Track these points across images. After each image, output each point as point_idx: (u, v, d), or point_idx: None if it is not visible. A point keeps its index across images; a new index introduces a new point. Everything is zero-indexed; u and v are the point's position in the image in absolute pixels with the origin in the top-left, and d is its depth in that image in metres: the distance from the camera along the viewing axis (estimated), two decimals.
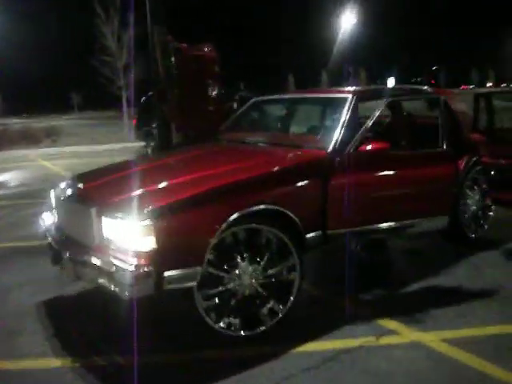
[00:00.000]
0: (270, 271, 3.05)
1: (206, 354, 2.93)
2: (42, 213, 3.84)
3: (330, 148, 3.38)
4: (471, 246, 4.50)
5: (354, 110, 3.57)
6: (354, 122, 3.55)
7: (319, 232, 3.27)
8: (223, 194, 2.85)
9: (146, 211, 2.61)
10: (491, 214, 4.73)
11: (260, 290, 3.02)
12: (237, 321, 2.98)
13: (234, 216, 2.80)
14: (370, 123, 3.50)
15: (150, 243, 2.59)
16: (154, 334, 3.13)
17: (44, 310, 3.65)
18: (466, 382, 2.58)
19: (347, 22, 37.64)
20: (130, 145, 15.63)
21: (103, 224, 2.82)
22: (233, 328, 2.97)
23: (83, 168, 4.43)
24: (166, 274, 2.63)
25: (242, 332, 2.96)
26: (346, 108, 3.57)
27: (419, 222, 3.85)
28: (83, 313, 3.58)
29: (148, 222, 2.58)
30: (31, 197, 8.12)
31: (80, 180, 3.59)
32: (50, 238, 3.40)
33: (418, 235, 4.08)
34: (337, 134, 3.43)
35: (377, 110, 3.60)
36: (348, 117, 3.52)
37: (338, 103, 3.69)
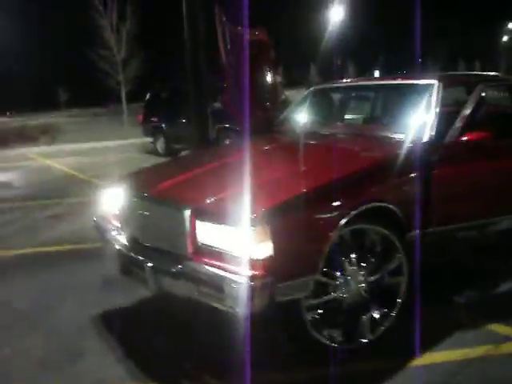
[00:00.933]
0: (376, 275, 2.75)
1: (314, 370, 2.61)
2: (93, 215, 3.48)
3: (426, 139, 3.08)
4: None
5: (443, 98, 3.29)
6: (445, 111, 3.27)
7: (418, 230, 2.98)
8: (335, 191, 2.52)
9: (258, 213, 2.27)
10: None
11: (366, 296, 2.72)
12: (340, 332, 2.68)
13: (348, 216, 2.49)
14: (466, 111, 3.21)
15: (265, 250, 2.25)
16: (249, 349, 2.59)
17: (102, 323, 3.24)
18: None
19: (336, 14, 37.38)
20: (133, 141, 15.13)
21: (200, 228, 2.47)
22: (337, 340, 2.67)
23: (93, 167, 3.97)
24: (280, 284, 2.31)
25: (352, 344, 2.68)
26: (435, 95, 3.27)
27: None
28: (149, 325, 3.19)
29: (263, 225, 2.24)
30: (41, 198, 7.65)
31: (148, 178, 3.21)
32: (116, 245, 3.02)
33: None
34: (430, 124, 3.13)
35: (472, 98, 3.30)
36: (438, 105, 3.23)
37: (423, 90, 3.38)
